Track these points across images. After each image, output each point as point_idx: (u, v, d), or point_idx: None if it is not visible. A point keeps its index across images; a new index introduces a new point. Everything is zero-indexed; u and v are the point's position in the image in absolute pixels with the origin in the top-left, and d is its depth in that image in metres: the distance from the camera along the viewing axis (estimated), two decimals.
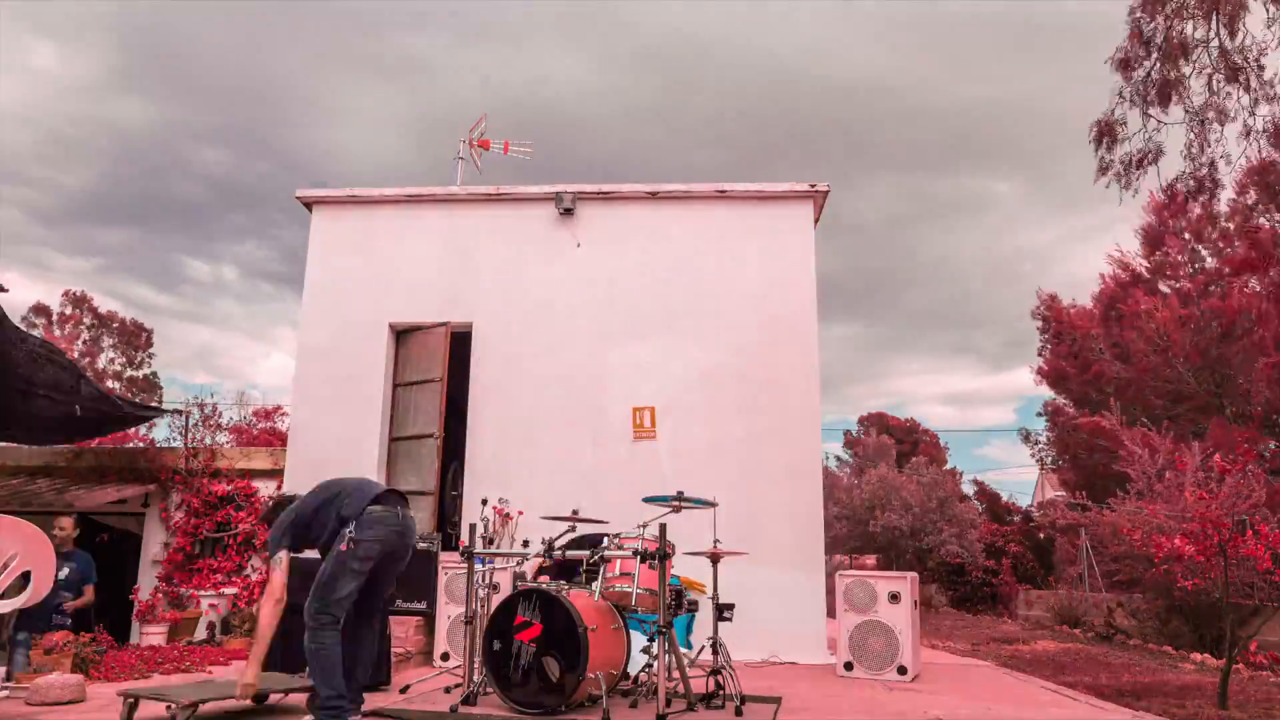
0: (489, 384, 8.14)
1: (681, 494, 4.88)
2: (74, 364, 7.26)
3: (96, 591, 6.73)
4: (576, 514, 5.35)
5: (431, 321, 8.32)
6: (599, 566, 4.77)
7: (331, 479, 4.42)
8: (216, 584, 8.27)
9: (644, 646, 4.96)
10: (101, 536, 9.76)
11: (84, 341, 31.17)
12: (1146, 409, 15.81)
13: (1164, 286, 17.29)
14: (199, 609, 7.98)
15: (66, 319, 31.17)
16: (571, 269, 8.33)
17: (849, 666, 6.11)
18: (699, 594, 6.07)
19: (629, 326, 8.17)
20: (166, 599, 8.21)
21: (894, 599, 6.05)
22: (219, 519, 8.58)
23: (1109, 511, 11.57)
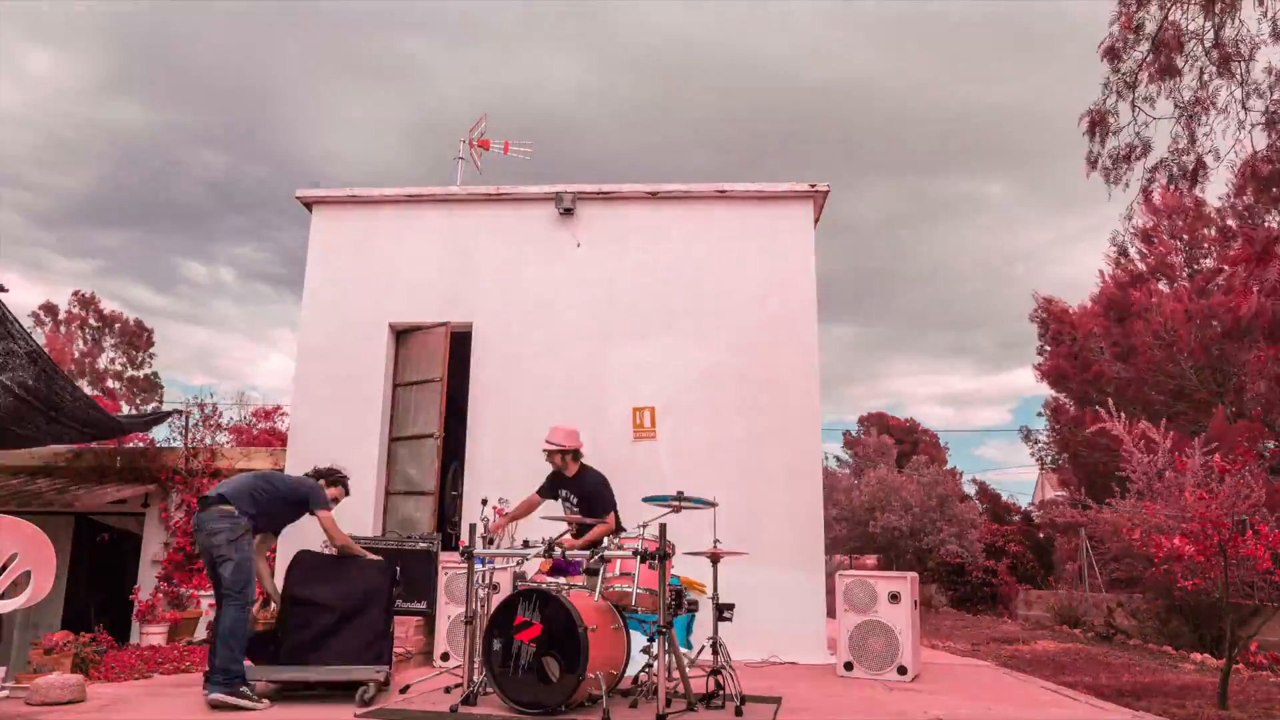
0: (489, 384, 8.14)
1: (681, 494, 4.88)
2: (67, 378, 7.19)
3: (97, 591, 6.73)
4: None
5: (431, 321, 8.32)
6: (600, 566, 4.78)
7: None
8: None
9: (644, 646, 4.96)
10: (102, 536, 9.77)
11: (85, 341, 31.19)
12: (1147, 406, 15.80)
13: (1164, 286, 17.30)
14: (199, 609, 7.99)
15: (73, 318, 31.24)
16: (571, 269, 8.33)
17: (849, 666, 6.11)
18: (699, 594, 6.06)
19: (629, 326, 8.17)
20: (166, 599, 8.22)
21: (894, 599, 6.05)
22: None
23: (1109, 511, 11.56)
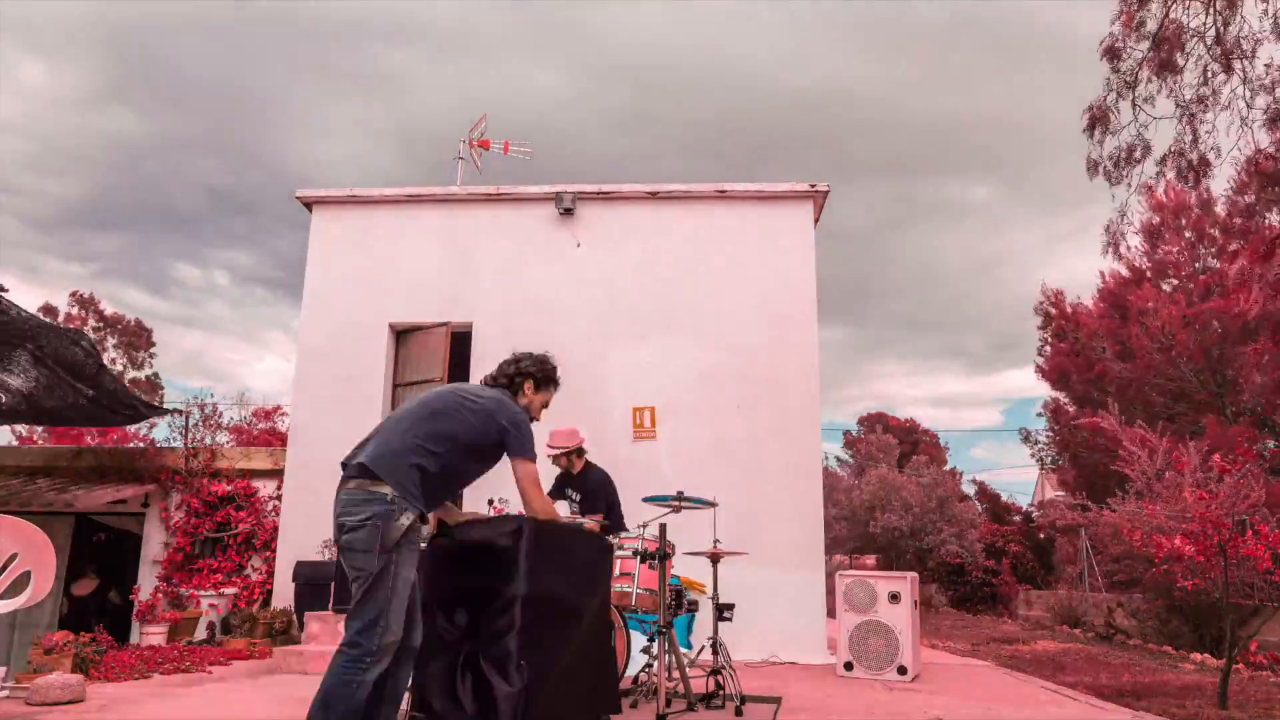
0: None
1: (681, 494, 4.87)
2: (95, 349, 7.17)
3: (96, 591, 6.72)
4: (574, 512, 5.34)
5: (431, 321, 8.32)
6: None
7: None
8: (216, 584, 8.27)
9: (644, 646, 4.96)
10: (100, 536, 9.77)
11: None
12: (1147, 407, 15.80)
13: (1166, 286, 17.27)
14: (199, 609, 7.99)
15: (73, 319, 31.24)
16: (571, 269, 8.33)
17: (849, 666, 6.11)
18: (699, 594, 6.07)
19: (629, 326, 8.17)
20: (166, 599, 8.22)
21: (894, 599, 6.04)
22: (219, 519, 8.58)
23: (1109, 512, 11.55)
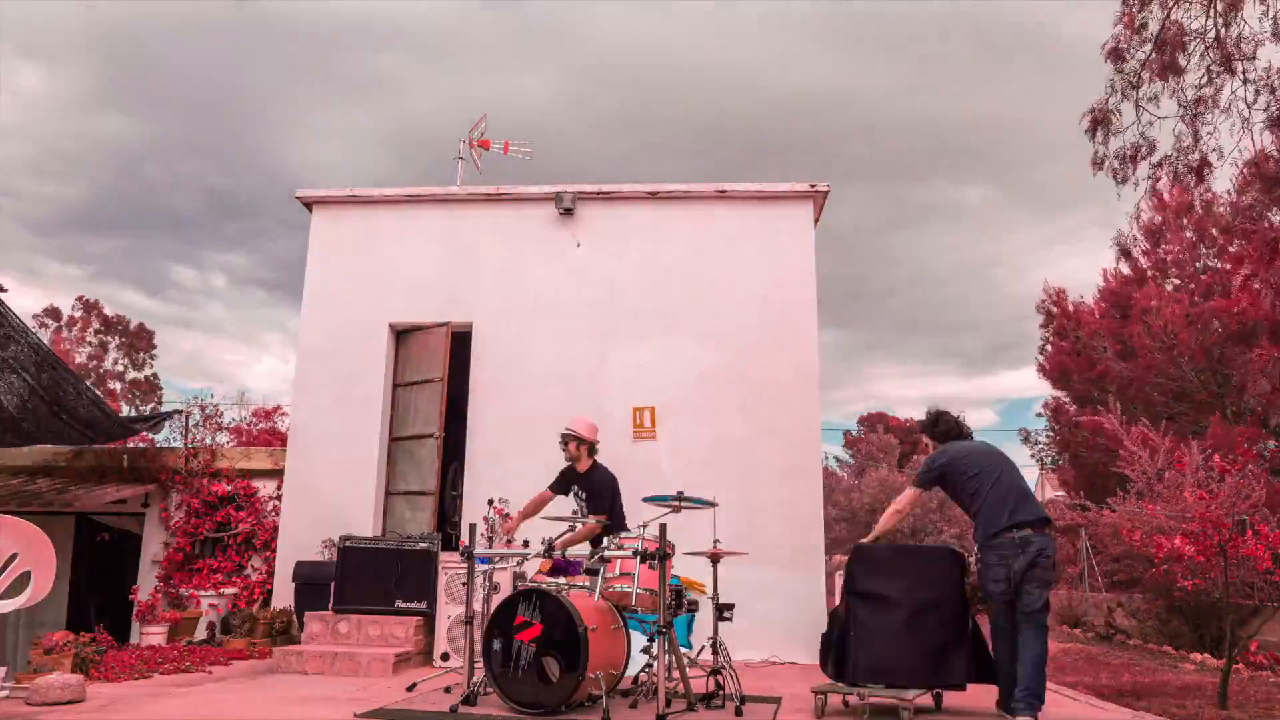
0: (489, 384, 8.14)
1: (681, 494, 4.88)
2: (72, 372, 7.21)
3: (96, 592, 6.72)
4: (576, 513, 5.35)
5: (431, 321, 8.32)
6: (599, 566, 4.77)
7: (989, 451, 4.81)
8: (216, 584, 8.27)
9: (644, 646, 4.96)
10: (101, 536, 9.77)
11: (92, 345, 31.28)
12: (1148, 407, 15.77)
13: (1169, 286, 17.25)
14: (199, 609, 7.99)
15: (75, 321, 31.28)
16: (571, 269, 8.33)
17: None
18: (699, 594, 6.07)
19: (629, 326, 8.17)
20: (166, 599, 8.22)
21: None
22: (219, 519, 8.59)
23: (1109, 511, 11.54)
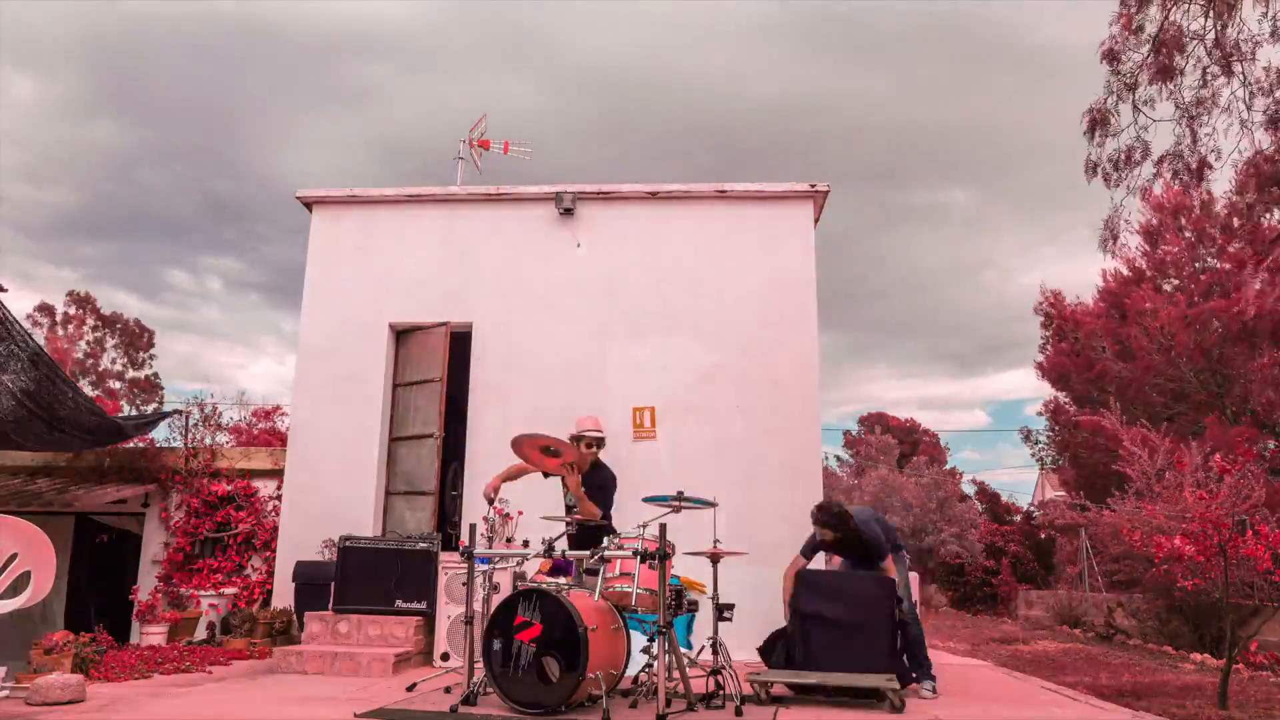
0: (489, 384, 8.14)
1: (681, 494, 4.88)
2: (71, 381, 7.21)
3: (97, 592, 6.72)
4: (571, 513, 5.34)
5: (431, 321, 8.32)
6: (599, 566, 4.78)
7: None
8: (216, 584, 8.27)
9: (644, 646, 4.96)
10: (102, 537, 9.77)
11: (88, 342, 31.20)
12: (1147, 407, 15.78)
13: (1167, 286, 17.24)
14: (199, 609, 7.99)
15: (70, 319, 31.18)
16: (571, 269, 8.33)
17: None
18: (699, 594, 6.06)
19: (629, 326, 8.16)
20: (166, 599, 8.22)
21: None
22: (219, 519, 8.58)
23: (1109, 512, 11.55)
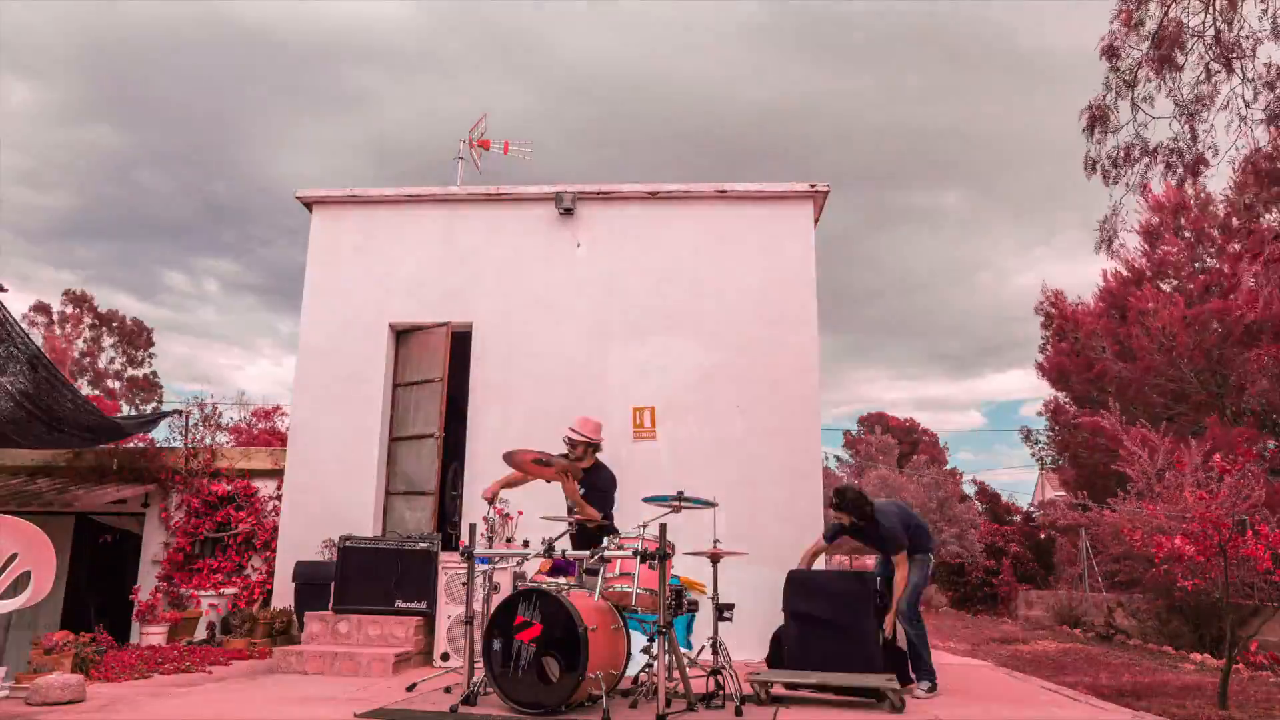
0: (489, 384, 8.14)
1: (681, 494, 4.88)
2: (69, 383, 7.23)
3: (96, 592, 6.72)
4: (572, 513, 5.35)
5: (431, 321, 8.32)
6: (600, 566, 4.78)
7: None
8: (216, 584, 8.27)
9: (644, 646, 4.96)
10: (104, 537, 9.77)
11: (85, 341, 31.16)
12: (1147, 407, 15.77)
13: (1165, 285, 17.24)
14: (199, 609, 7.98)
15: (67, 318, 31.15)
16: (571, 269, 8.33)
17: None
18: (699, 594, 6.06)
19: (629, 326, 8.17)
20: (166, 599, 8.22)
21: None
22: (219, 519, 8.58)
23: (1109, 511, 11.55)
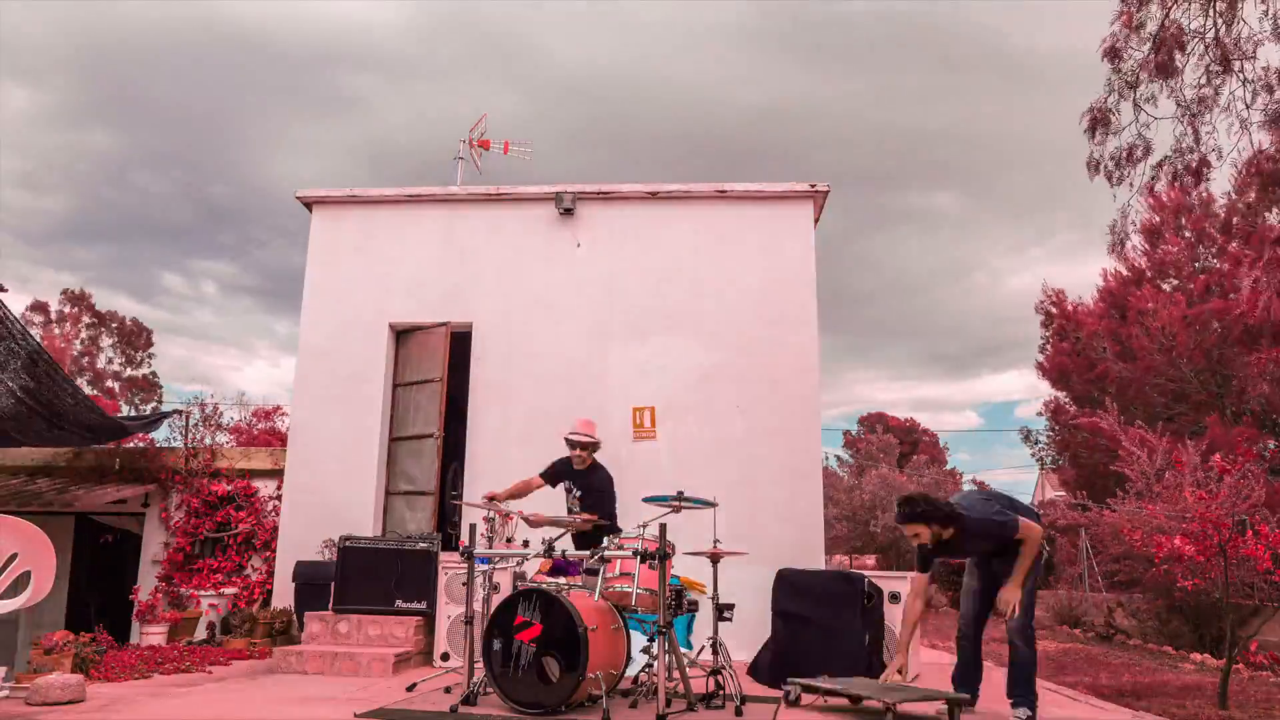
0: (489, 384, 8.14)
1: (681, 494, 4.88)
2: (70, 380, 7.23)
3: (97, 592, 6.72)
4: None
5: (431, 321, 8.32)
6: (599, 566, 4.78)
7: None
8: (216, 584, 8.27)
9: (644, 646, 4.96)
10: (105, 537, 9.77)
11: (83, 341, 31.15)
12: (1147, 407, 15.77)
13: (1166, 285, 17.24)
14: (199, 609, 7.99)
15: (65, 317, 31.13)
16: (571, 269, 8.33)
17: None
18: (699, 594, 6.06)
19: (629, 326, 8.17)
20: (166, 599, 8.22)
21: (894, 599, 6.04)
22: (219, 519, 8.59)
23: (1109, 512, 11.55)
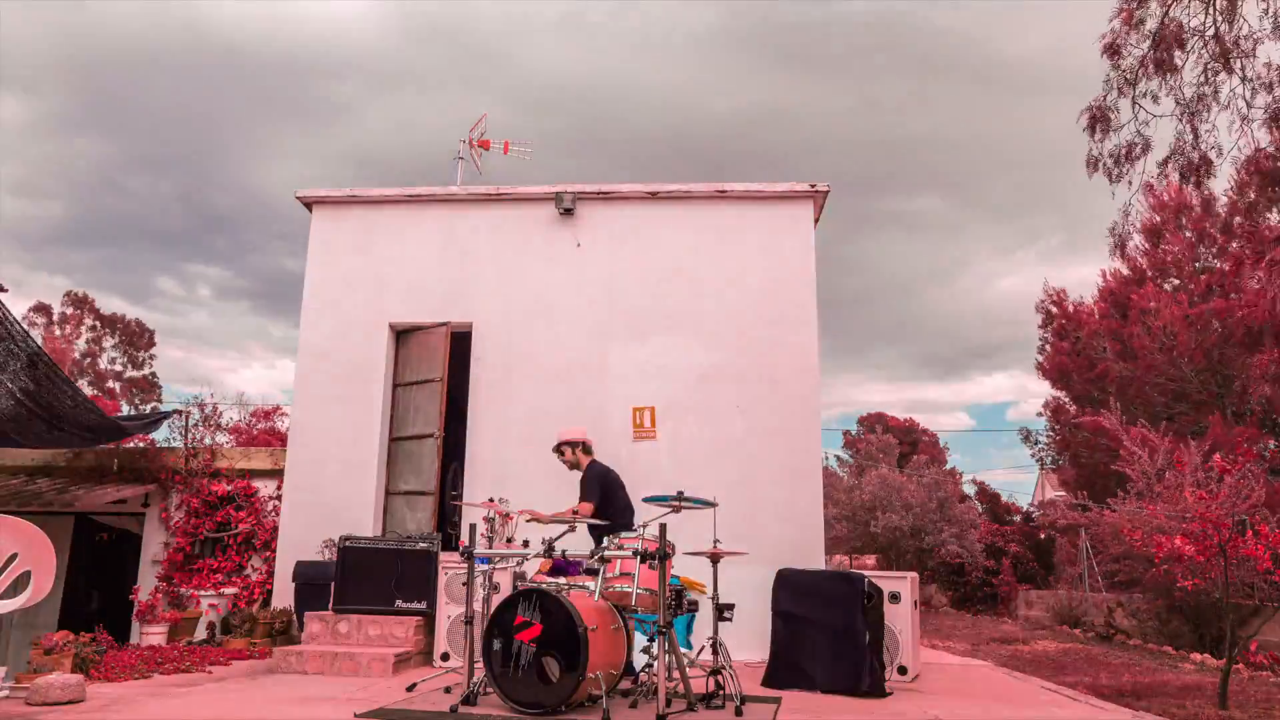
0: (489, 384, 8.14)
1: (681, 494, 4.88)
2: (70, 380, 7.24)
3: (96, 592, 6.72)
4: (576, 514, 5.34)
5: (431, 321, 8.32)
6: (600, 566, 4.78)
7: None
8: (216, 584, 8.27)
9: (644, 646, 4.96)
10: (101, 536, 9.77)
11: (85, 342, 31.16)
12: (1148, 407, 15.77)
13: (1167, 285, 17.23)
14: (199, 609, 7.99)
15: (67, 319, 31.14)
16: (571, 269, 8.33)
17: None
18: (699, 594, 6.06)
19: (629, 326, 8.17)
20: (166, 599, 8.22)
21: (894, 599, 6.04)
22: (219, 519, 8.59)
23: (1109, 512, 11.56)
